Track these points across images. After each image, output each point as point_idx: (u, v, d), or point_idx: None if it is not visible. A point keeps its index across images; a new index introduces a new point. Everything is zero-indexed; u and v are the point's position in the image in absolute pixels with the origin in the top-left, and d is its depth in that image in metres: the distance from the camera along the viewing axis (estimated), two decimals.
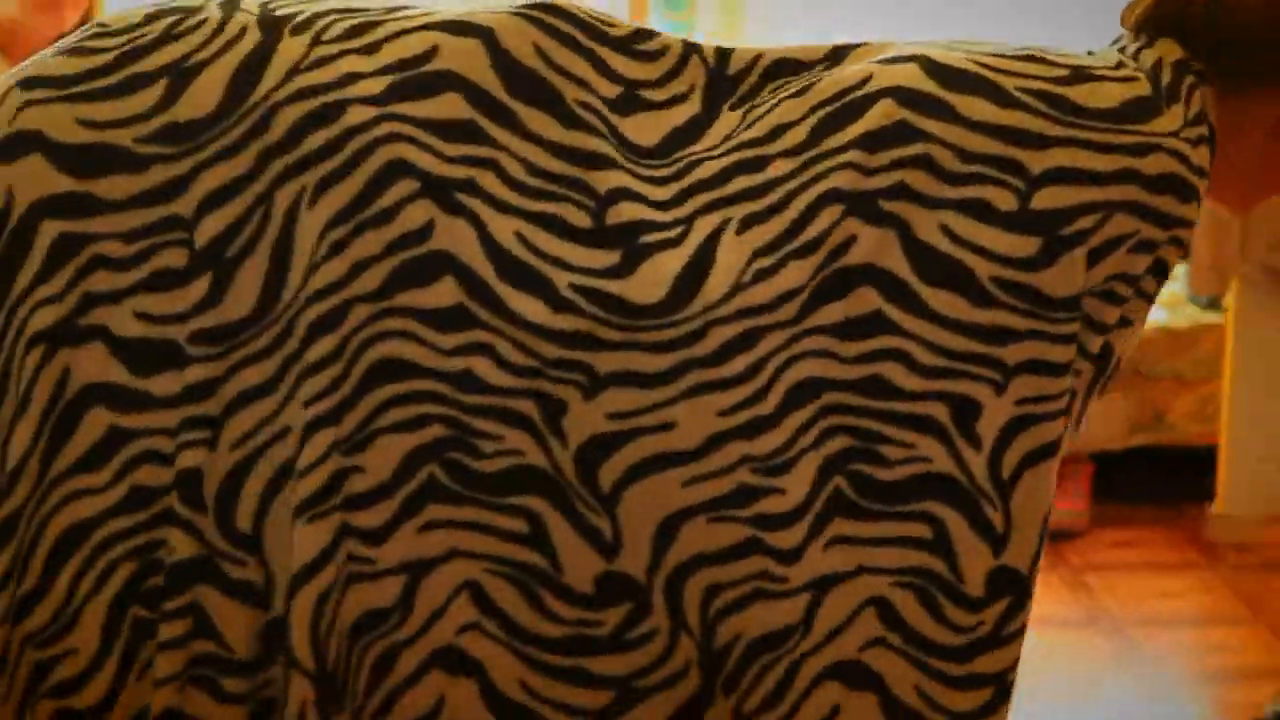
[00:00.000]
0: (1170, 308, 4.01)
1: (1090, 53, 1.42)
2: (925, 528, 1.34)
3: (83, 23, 2.78)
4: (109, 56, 1.30)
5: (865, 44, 1.44)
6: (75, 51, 1.31)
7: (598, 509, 1.29)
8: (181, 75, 1.29)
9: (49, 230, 1.27)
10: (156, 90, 1.29)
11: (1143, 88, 1.35)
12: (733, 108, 1.38)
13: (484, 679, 1.32)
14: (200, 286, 1.27)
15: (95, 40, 1.32)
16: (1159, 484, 3.92)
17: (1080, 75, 1.35)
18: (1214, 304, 3.97)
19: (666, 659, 1.32)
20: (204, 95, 1.28)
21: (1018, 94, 1.33)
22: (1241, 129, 1.43)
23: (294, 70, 1.29)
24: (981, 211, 1.30)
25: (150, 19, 1.32)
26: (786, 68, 1.41)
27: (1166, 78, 1.37)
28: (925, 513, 1.34)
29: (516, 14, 1.34)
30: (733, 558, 1.30)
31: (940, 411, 1.32)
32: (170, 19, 1.32)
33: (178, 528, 1.27)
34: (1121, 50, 1.43)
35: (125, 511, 1.28)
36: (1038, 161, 1.31)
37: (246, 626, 1.28)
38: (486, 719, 1.32)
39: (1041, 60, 1.37)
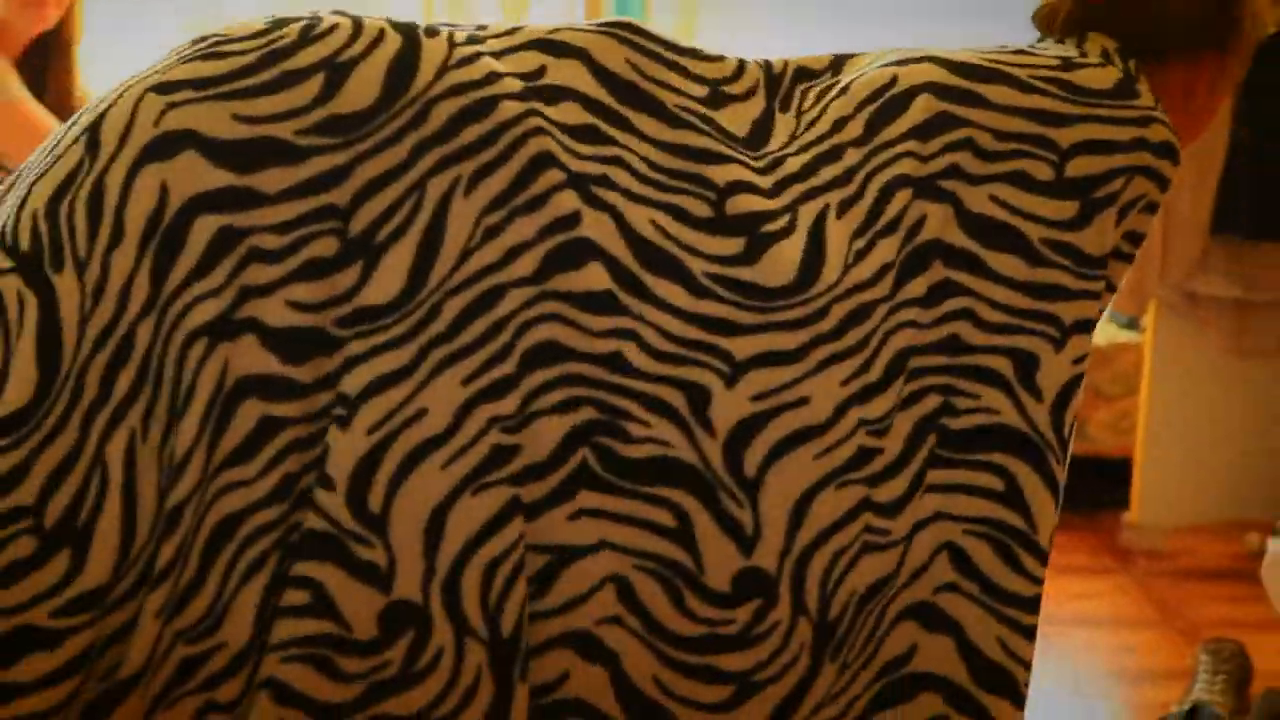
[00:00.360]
0: None
1: (1040, 47, 1.54)
2: (997, 480, 1.42)
3: (64, 19, 2.74)
4: (252, 57, 1.29)
5: (854, 54, 1.54)
6: (208, 56, 1.29)
7: (741, 499, 1.32)
8: (336, 71, 1.29)
9: (206, 225, 1.25)
10: (314, 85, 1.28)
11: (1116, 72, 1.48)
12: (782, 109, 1.46)
13: (617, 670, 1.33)
14: (352, 273, 1.27)
15: (224, 45, 1.30)
16: (1078, 492, 3.96)
17: (1070, 64, 1.47)
18: (1132, 324, 4.03)
19: (784, 649, 1.35)
20: (362, 90, 1.28)
21: (1032, 81, 1.45)
22: (1166, 92, 1.57)
23: (444, 68, 1.30)
24: (1023, 182, 1.43)
25: (276, 25, 1.31)
26: (806, 74, 1.51)
27: (1118, 63, 1.50)
28: (994, 464, 1.42)
29: (602, 33, 1.39)
30: (850, 520, 1.36)
31: (1004, 366, 1.42)
32: (300, 24, 1.31)
33: (309, 504, 1.26)
34: (1061, 44, 1.55)
35: (274, 502, 1.27)
36: (1065, 136, 1.43)
37: (368, 607, 1.26)
38: (614, 707, 1.34)
39: (1029, 53, 1.49)
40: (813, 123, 1.44)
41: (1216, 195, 3.55)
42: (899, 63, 1.47)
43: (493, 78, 1.31)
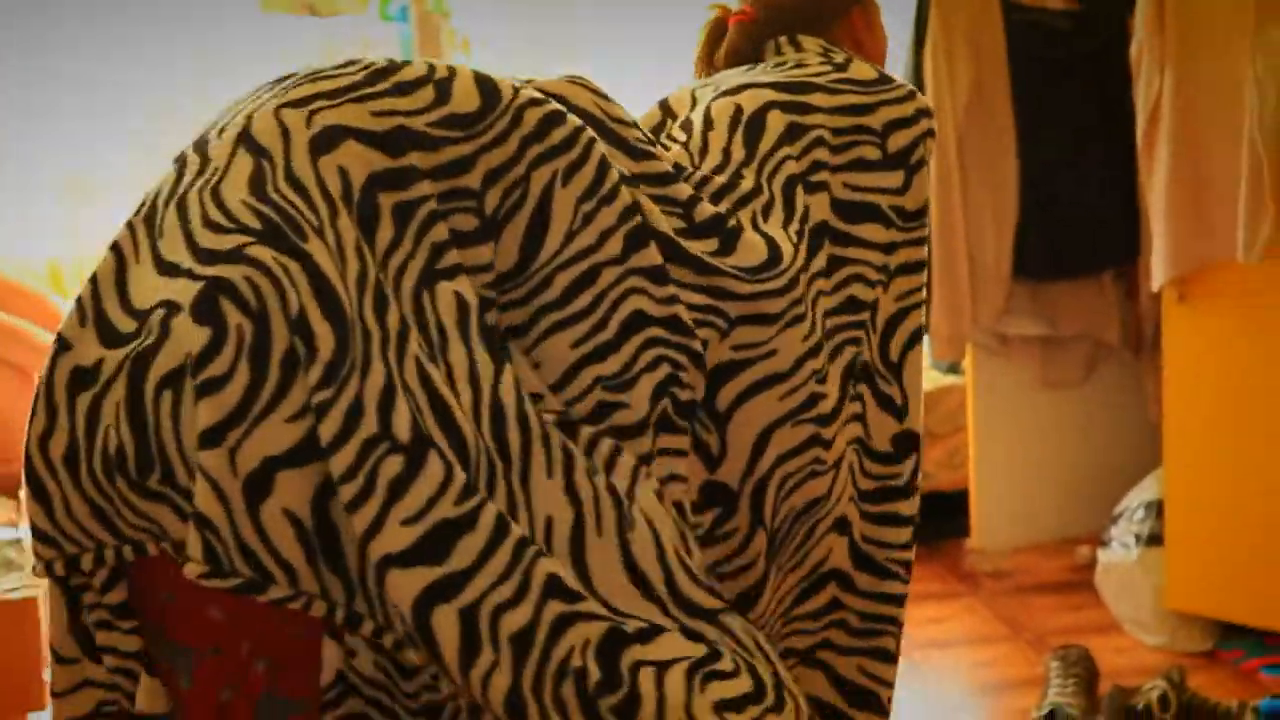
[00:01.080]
0: None
1: (798, 57, 1.77)
2: (859, 405, 1.64)
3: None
4: (358, 75, 1.36)
5: (670, 97, 1.77)
6: (314, 79, 1.36)
7: (709, 426, 1.50)
8: (438, 84, 1.38)
9: (387, 202, 1.31)
10: (426, 92, 1.36)
11: (859, 62, 1.73)
12: (663, 149, 1.63)
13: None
14: (491, 247, 1.37)
15: (322, 73, 1.36)
16: (920, 526, 4.00)
17: (839, 65, 1.71)
18: (953, 368, 4.11)
19: (742, 551, 1.54)
20: (466, 96, 1.37)
21: (832, 85, 1.67)
22: (845, 47, 1.83)
23: (515, 87, 1.41)
24: (864, 165, 1.65)
25: (353, 61, 1.39)
26: (658, 127, 1.74)
27: (837, 56, 1.75)
28: (859, 393, 1.64)
29: (566, 80, 1.52)
30: (800, 452, 1.55)
31: (867, 313, 1.64)
32: (377, 60, 1.39)
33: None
34: (783, 54, 1.80)
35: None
36: (875, 121, 1.66)
37: (693, 483, 1.44)
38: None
39: (805, 65, 1.71)
40: (703, 152, 1.61)
41: (1014, 244, 3.64)
42: (729, 93, 1.66)
43: (549, 98, 1.44)
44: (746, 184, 1.58)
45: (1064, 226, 3.66)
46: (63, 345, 1.25)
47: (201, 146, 1.33)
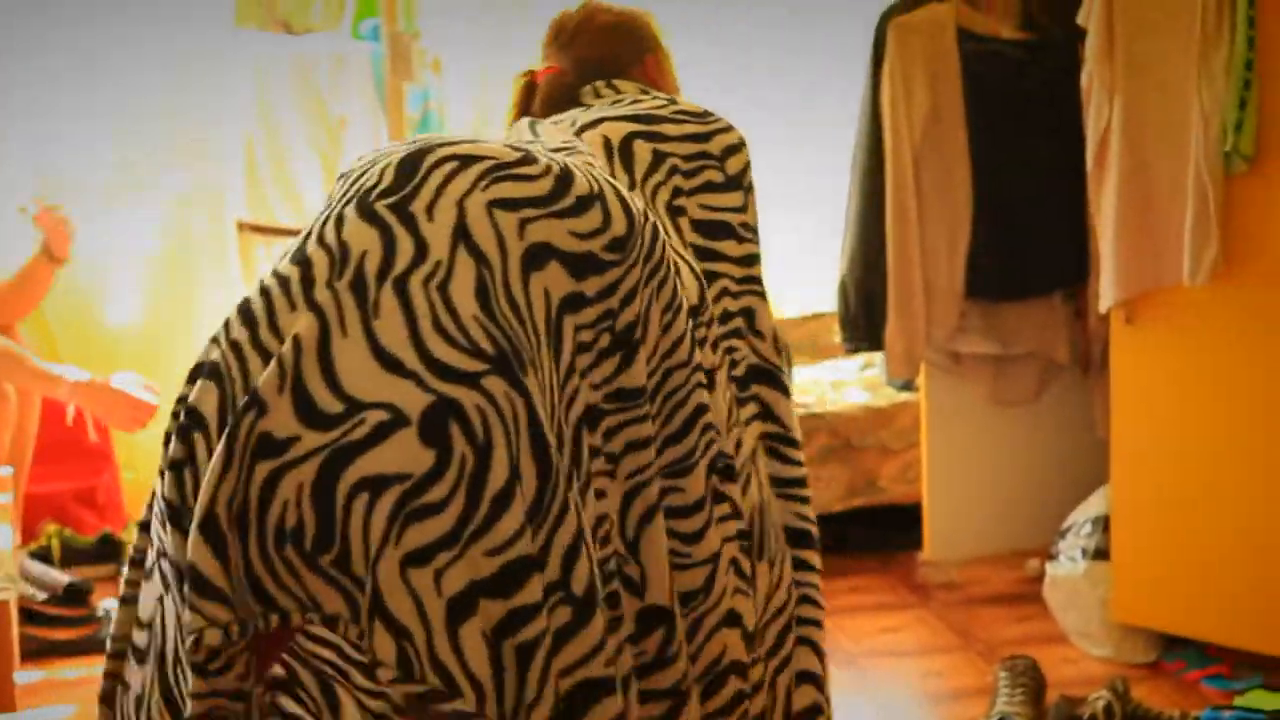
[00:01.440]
0: (872, 390, 4.14)
1: (626, 97, 1.87)
2: (756, 406, 1.70)
3: None
4: (549, 183, 1.43)
5: (511, 137, 1.78)
6: (518, 179, 1.42)
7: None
8: (601, 201, 1.45)
9: (569, 326, 1.38)
10: (597, 211, 1.43)
11: (682, 98, 1.86)
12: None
13: (742, 624, 1.57)
14: (615, 360, 1.43)
15: (521, 171, 1.43)
16: (875, 538, 3.99)
17: (670, 100, 1.82)
18: (907, 386, 4.11)
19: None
20: (619, 218, 1.45)
21: (673, 116, 1.77)
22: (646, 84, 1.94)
23: (630, 195, 1.50)
24: (712, 187, 1.74)
25: (527, 155, 1.45)
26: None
27: (660, 96, 1.85)
28: (755, 395, 1.73)
29: (590, 132, 1.70)
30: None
31: (741, 322, 1.72)
32: (545, 158, 1.46)
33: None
34: (603, 93, 1.90)
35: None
36: (713, 147, 1.76)
37: (629, 612, 1.43)
38: (746, 651, 1.57)
39: (642, 100, 1.81)
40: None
41: (968, 265, 3.66)
42: (588, 126, 1.74)
43: (646, 209, 1.52)
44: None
45: (1016, 249, 3.67)
46: (259, 407, 1.24)
47: (407, 219, 1.36)
